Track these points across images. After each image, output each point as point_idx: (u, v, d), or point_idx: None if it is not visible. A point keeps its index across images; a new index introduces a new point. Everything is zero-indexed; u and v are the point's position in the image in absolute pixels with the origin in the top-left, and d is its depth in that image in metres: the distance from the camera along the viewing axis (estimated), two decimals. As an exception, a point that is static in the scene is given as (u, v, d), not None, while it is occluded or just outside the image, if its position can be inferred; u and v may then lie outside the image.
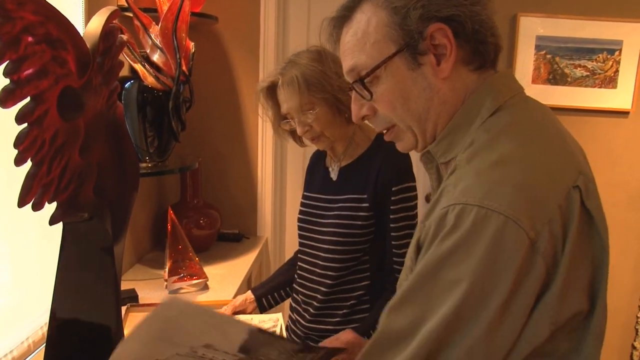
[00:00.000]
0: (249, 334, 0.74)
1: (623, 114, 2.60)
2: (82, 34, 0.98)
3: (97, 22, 1.05)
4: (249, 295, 1.62)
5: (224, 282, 2.00)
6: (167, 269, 1.88)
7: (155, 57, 1.79)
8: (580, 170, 0.76)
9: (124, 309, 1.61)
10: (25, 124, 0.87)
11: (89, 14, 1.68)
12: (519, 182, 0.71)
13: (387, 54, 0.81)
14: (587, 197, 0.73)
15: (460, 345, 0.70)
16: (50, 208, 0.99)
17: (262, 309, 1.61)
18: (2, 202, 1.33)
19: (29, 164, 0.90)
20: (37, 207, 0.92)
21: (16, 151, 0.86)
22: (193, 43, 1.88)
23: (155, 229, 2.43)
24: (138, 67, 1.76)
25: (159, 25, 1.71)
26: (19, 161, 0.87)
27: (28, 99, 0.87)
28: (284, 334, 1.49)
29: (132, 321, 1.62)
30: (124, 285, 1.54)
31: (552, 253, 0.69)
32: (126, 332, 1.38)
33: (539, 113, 0.84)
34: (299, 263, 1.51)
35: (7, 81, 0.83)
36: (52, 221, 1.00)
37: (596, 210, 0.74)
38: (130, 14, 1.78)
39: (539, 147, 0.76)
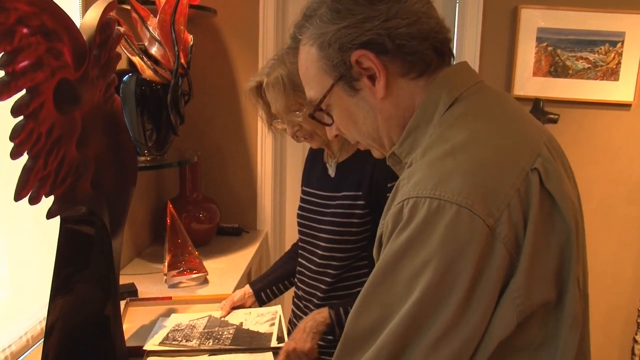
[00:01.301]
0: None
1: (625, 106, 2.58)
2: (78, 26, 0.97)
3: (94, 13, 1.04)
4: (248, 289, 1.61)
5: (223, 276, 2.00)
6: (166, 263, 1.88)
7: (154, 50, 1.77)
8: (538, 152, 0.75)
9: (123, 303, 1.60)
10: (21, 117, 0.86)
11: (86, 6, 1.66)
12: (471, 169, 0.70)
13: (327, 86, 0.84)
14: (547, 179, 0.72)
15: (425, 339, 0.68)
16: (47, 202, 0.98)
17: (261, 302, 1.61)
18: (1, 197, 1.32)
19: (25, 157, 0.89)
20: (33, 201, 0.91)
21: (12, 145, 0.85)
22: (191, 36, 1.86)
23: (154, 224, 2.42)
24: (136, 59, 1.75)
25: (157, 18, 1.70)
26: (15, 154, 0.86)
27: (24, 91, 0.86)
28: (284, 326, 1.49)
29: (131, 315, 1.62)
30: (123, 280, 1.54)
31: (513, 239, 0.68)
32: (125, 326, 1.38)
33: (495, 101, 0.84)
34: (299, 259, 1.51)
35: (1, 74, 0.82)
36: (49, 215, 0.99)
37: (558, 193, 0.73)
38: (128, 7, 1.77)
39: (492, 134, 0.76)
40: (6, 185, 0.92)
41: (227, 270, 2.07)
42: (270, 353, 1.37)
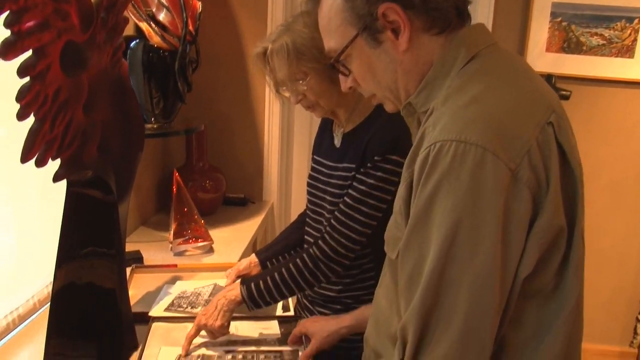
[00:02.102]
0: None
1: None
2: (85, -13, 0.95)
3: (102, -25, 1.02)
4: (253, 258, 1.61)
5: (229, 245, 2.00)
6: (172, 231, 1.88)
7: (161, 16, 1.75)
8: (553, 109, 0.79)
9: (128, 270, 1.61)
10: (28, 78, 0.85)
11: (93, -30, 1.63)
12: (493, 117, 0.74)
13: (349, 37, 0.86)
14: (559, 133, 0.77)
15: (463, 281, 0.72)
16: (53, 169, 0.98)
17: (267, 272, 1.61)
18: (7, 166, 1.32)
19: (31, 120, 0.88)
20: (40, 163, 0.91)
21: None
22: (200, 3, 1.84)
23: (160, 192, 2.42)
24: (144, 26, 1.73)
25: (166, -17, 1.67)
26: (21, 116, 0.85)
27: (30, 52, 0.85)
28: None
29: (137, 282, 1.63)
30: (129, 247, 1.54)
31: (535, 183, 0.72)
32: (131, 292, 1.39)
33: (510, 60, 0.87)
34: (306, 228, 1.50)
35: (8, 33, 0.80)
36: (56, 178, 0.99)
37: (568, 146, 0.77)
38: (136, -29, 1.74)
39: (510, 88, 0.80)
40: (13, 155, 0.91)
41: (232, 240, 2.08)
42: (276, 321, 1.38)
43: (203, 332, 1.29)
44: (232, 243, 2.04)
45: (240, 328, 1.33)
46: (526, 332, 0.78)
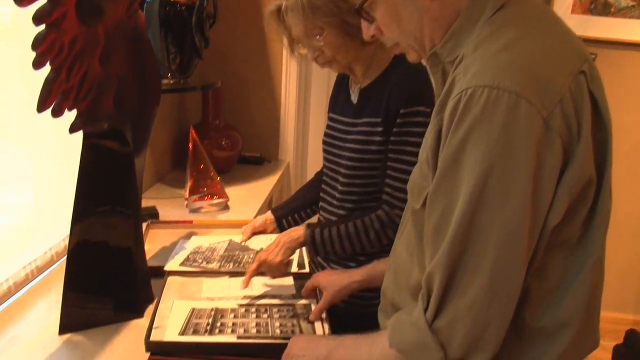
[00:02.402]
0: None
1: (669, 49, 2.46)
2: None
3: None
4: (269, 215, 1.62)
5: (244, 203, 2.00)
6: (187, 188, 1.89)
7: (179, -32, 1.72)
8: (585, 58, 0.78)
9: (144, 225, 1.62)
10: (43, 27, 0.84)
11: None
12: (527, 64, 0.73)
13: None
14: (592, 83, 0.76)
15: (493, 228, 0.71)
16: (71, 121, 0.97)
17: (282, 229, 1.61)
18: (27, 123, 1.31)
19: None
20: (56, 113, 0.90)
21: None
22: (218, -45, 1.80)
23: (176, 150, 2.42)
24: (161, -22, 1.69)
25: None
26: (37, 64, 0.84)
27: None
28: (304, 252, 1.49)
29: (152, 237, 1.64)
30: (145, 204, 1.55)
31: (566, 131, 0.71)
32: (146, 247, 1.40)
33: (540, 9, 0.85)
34: (322, 186, 1.50)
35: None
36: (72, 129, 0.99)
37: (600, 96, 0.77)
38: None
39: (542, 36, 0.78)
40: (32, 112, 0.90)
41: (248, 198, 2.08)
42: (291, 277, 1.39)
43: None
44: (248, 201, 2.04)
45: (256, 283, 1.34)
46: (551, 282, 0.78)
